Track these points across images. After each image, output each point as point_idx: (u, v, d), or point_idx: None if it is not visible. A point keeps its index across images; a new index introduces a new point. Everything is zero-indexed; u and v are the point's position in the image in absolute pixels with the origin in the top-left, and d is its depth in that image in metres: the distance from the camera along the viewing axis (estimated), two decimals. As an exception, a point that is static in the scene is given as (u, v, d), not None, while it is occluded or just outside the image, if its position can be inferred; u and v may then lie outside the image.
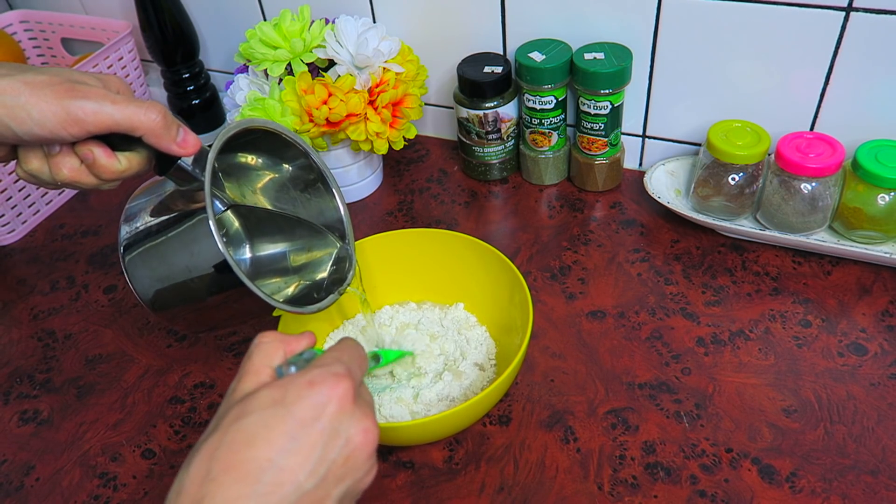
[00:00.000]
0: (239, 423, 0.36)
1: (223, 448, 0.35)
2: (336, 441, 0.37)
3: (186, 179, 0.49)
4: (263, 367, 0.40)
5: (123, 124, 0.45)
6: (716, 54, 0.71)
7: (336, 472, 0.37)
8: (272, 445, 0.35)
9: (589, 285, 0.70)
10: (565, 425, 0.59)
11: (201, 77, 0.93)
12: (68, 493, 0.59)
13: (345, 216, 0.60)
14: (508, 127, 0.80)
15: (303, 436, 0.36)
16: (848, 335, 0.63)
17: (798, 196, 0.67)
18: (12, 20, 1.01)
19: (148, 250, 0.51)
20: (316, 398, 0.37)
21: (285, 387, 0.38)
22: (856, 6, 0.63)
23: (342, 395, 0.37)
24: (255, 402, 0.37)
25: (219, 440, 0.36)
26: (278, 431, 0.36)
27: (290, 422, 0.36)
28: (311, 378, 0.38)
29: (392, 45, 0.73)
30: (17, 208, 0.83)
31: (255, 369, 0.40)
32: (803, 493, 0.53)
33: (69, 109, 0.43)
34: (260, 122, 0.53)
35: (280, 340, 0.42)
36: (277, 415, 0.36)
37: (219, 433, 0.36)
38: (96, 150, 0.47)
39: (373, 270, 0.67)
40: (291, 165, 0.59)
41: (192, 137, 0.48)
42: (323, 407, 0.37)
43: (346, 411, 0.37)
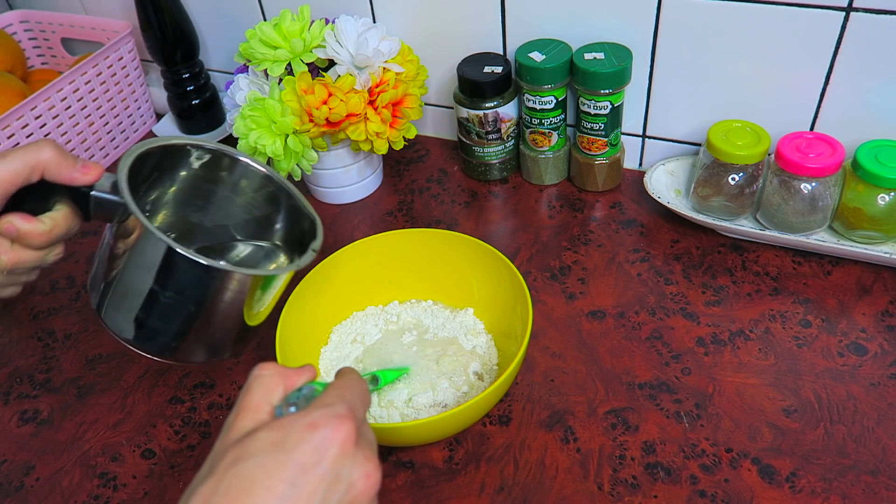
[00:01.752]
0: (237, 468, 0.35)
1: (219, 495, 0.34)
2: (337, 486, 0.36)
3: (112, 210, 0.49)
4: (263, 404, 0.39)
5: (22, 171, 0.45)
6: (716, 54, 0.71)
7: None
8: (271, 493, 0.34)
9: (589, 285, 0.70)
10: (565, 425, 0.59)
11: (201, 77, 0.93)
12: (68, 493, 0.59)
13: (270, 172, 0.59)
14: (508, 127, 0.80)
15: (303, 482, 0.35)
16: (848, 335, 0.63)
17: (798, 196, 0.67)
18: (12, 20, 1.01)
19: (114, 295, 0.50)
20: (317, 441, 0.36)
21: (286, 428, 0.36)
22: (856, 6, 0.63)
23: (344, 438, 0.36)
24: (253, 444, 0.36)
25: (215, 486, 0.35)
26: (278, 478, 0.34)
27: (291, 467, 0.35)
28: (313, 420, 0.37)
29: (392, 45, 0.73)
30: (17, 208, 0.83)
31: (253, 405, 0.39)
32: (803, 493, 0.53)
33: None
34: (154, 143, 0.52)
35: (279, 375, 0.41)
36: (278, 459, 0.35)
37: (215, 478, 0.35)
38: (15, 220, 0.47)
39: (373, 270, 0.67)
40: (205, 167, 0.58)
41: (93, 164, 0.48)
42: (325, 451, 0.36)
43: (348, 455, 0.36)
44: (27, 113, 0.81)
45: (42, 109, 0.83)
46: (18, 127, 0.81)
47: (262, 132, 0.72)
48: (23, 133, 0.81)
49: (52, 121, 0.85)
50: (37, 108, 0.82)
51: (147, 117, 1.00)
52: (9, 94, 0.86)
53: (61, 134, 0.86)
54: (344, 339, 0.66)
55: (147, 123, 1.00)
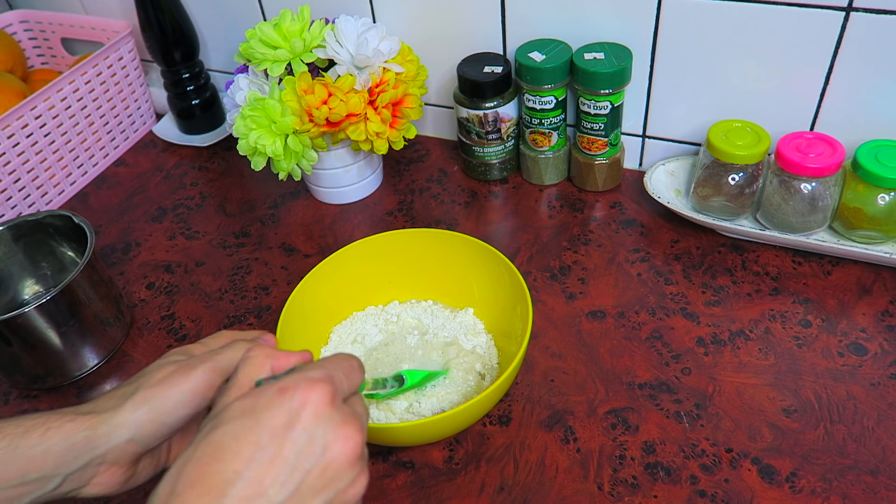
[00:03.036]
0: (209, 437, 0.35)
1: (191, 462, 0.34)
2: (311, 449, 0.35)
3: None
4: (247, 382, 0.39)
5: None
6: (716, 54, 0.71)
7: (312, 482, 0.35)
8: (239, 456, 0.33)
9: (589, 285, 0.70)
10: (565, 425, 0.59)
11: (201, 77, 0.93)
12: (68, 493, 0.59)
13: None
14: (508, 127, 0.80)
15: (273, 445, 0.34)
16: (848, 335, 0.63)
17: (798, 196, 0.67)
18: (12, 20, 1.01)
19: None
20: (287, 404, 0.35)
21: (257, 395, 0.36)
22: (856, 6, 0.62)
23: (317, 399, 0.35)
24: (226, 413, 0.36)
25: (188, 456, 0.34)
26: (246, 441, 0.34)
27: (260, 430, 0.34)
28: (283, 385, 0.36)
29: (392, 45, 0.73)
30: (18, 208, 0.83)
31: (238, 384, 0.39)
32: (803, 493, 0.53)
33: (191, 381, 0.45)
34: None
35: (268, 356, 0.40)
36: (246, 424, 0.34)
37: (190, 449, 0.35)
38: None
39: (373, 270, 0.67)
40: None
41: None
42: (296, 413, 0.35)
43: (321, 416, 0.35)
44: (27, 113, 0.81)
45: (42, 109, 0.83)
46: (18, 127, 0.81)
47: (262, 132, 0.72)
48: (23, 133, 0.81)
49: (52, 121, 0.85)
50: (37, 108, 0.82)
51: (147, 117, 1.00)
52: (9, 94, 0.86)
53: (61, 134, 0.86)
54: (344, 339, 0.66)
55: (147, 123, 1.00)
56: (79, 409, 0.46)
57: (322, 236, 0.80)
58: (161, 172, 0.92)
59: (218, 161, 0.93)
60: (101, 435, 0.44)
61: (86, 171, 0.92)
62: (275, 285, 0.75)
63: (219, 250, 0.80)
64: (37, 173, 0.84)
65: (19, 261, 0.71)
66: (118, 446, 0.45)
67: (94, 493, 0.47)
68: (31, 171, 0.84)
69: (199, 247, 0.81)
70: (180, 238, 0.82)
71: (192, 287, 0.76)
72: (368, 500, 0.55)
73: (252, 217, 0.84)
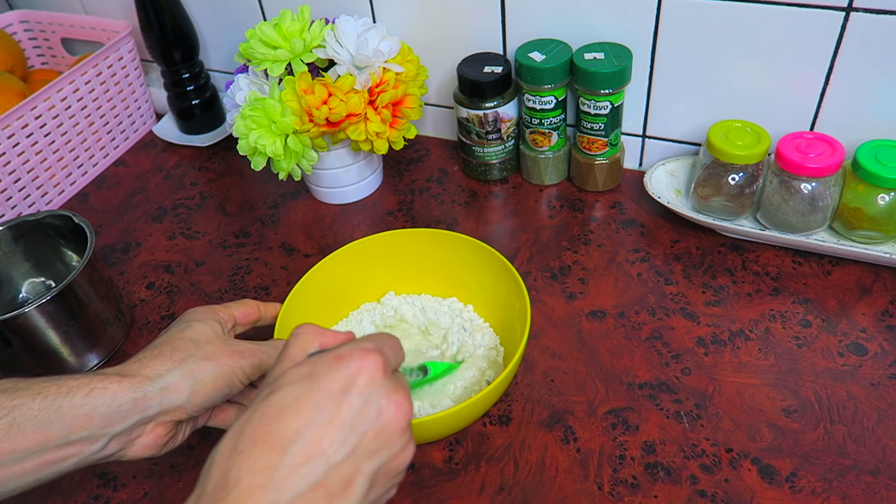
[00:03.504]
0: (268, 400, 0.36)
1: (252, 422, 0.35)
2: (367, 413, 0.36)
3: None
4: (299, 355, 0.40)
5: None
6: (716, 54, 0.71)
7: (367, 445, 0.36)
8: (300, 417, 0.35)
9: (589, 285, 0.70)
10: (565, 425, 0.59)
11: (201, 77, 0.93)
12: (68, 492, 0.59)
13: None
14: (508, 127, 0.80)
15: (331, 407, 0.36)
16: (848, 335, 0.63)
17: (798, 196, 0.67)
18: (12, 20, 1.01)
19: None
20: (344, 370, 0.37)
21: (314, 363, 0.38)
22: (856, 6, 0.62)
23: (372, 366, 0.37)
24: (284, 378, 0.37)
25: (248, 416, 0.36)
26: (306, 403, 0.35)
27: (319, 394, 0.36)
28: (340, 353, 0.38)
29: (392, 45, 0.73)
30: (18, 208, 0.83)
31: (290, 356, 0.40)
32: (803, 493, 0.53)
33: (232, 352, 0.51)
34: None
35: (317, 333, 0.42)
36: (305, 388, 0.36)
37: (250, 411, 0.36)
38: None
39: (372, 270, 0.67)
40: None
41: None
42: (353, 378, 0.37)
43: (376, 383, 0.37)
44: (27, 113, 0.81)
45: (42, 109, 0.83)
46: (18, 127, 0.81)
47: (262, 132, 0.72)
48: (23, 133, 0.81)
49: (52, 121, 0.85)
50: (37, 108, 0.82)
51: (147, 117, 1.00)
52: (9, 94, 0.86)
53: (61, 134, 0.86)
54: (343, 338, 0.66)
55: (147, 123, 1.00)
56: (121, 371, 0.48)
57: (322, 236, 0.80)
58: (161, 172, 0.92)
59: (218, 161, 0.93)
60: (151, 397, 0.47)
61: (86, 171, 0.92)
62: (275, 285, 0.75)
63: (219, 250, 0.80)
64: (37, 173, 0.84)
65: (19, 261, 0.71)
66: (169, 410, 0.48)
67: (137, 455, 0.49)
68: (31, 171, 0.84)
69: (199, 247, 0.81)
70: (180, 238, 0.82)
71: (192, 287, 0.76)
72: (368, 500, 0.55)
73: (252, 217, 0.84)
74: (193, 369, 0.48)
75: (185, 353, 0.49)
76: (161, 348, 0.49)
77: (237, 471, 0.34)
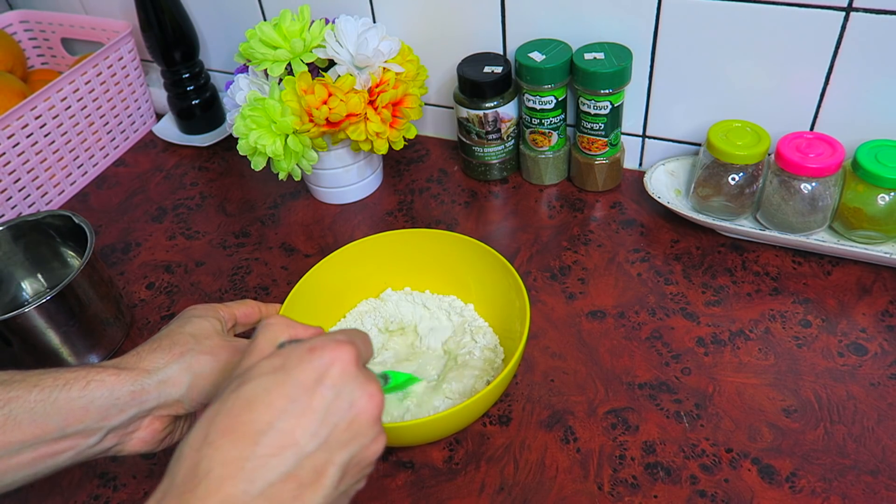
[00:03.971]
0: (239, 391, 0.36)
1: (222, 414, 0.35)
2: (339, 403, 0.36)
3: None
4: (267, 346, 0.40)
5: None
6: (716, 54, 0.71)
7: (339, 436, 0.36)
8: (272, 408, 0.35)
9: (589, 285, 0.70)
10: (565, 425, 0.59)
11: (201, 77, 0.93)
12: (68, 492, 0.59)
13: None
14: (508, 127, 0.80)
15: (304, 398, 0.35)
16: (848, 335, 0.63)
17: (798, 196, 0.67)
18: (12, 20, 1.01)
19: None
20: (317, 361, 0.37)
21: (286, 354, 0.37)
22: (856, 6, 0.62)
23: (346, 358, 0.37)
24: (255, 370, 0.37)
25: (218, 408, 0.35)
26: (278, 394, 0.35)
27: (291, 385, 0.36)
28: (313, 345, 0.38)
29: (392, 45, 0.73)
30: (18, 208, 0.83)
31: (259, 348, 0.40)
32: (803, 493, 0.53)
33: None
34: None
35: (286, 325, 0.41)
36: (278, 379, 0.36)
37: (219, 402, 0.36)
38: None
39: (371, 271, 0.67)
40: None
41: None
42: (325, 369, 0.36)
43: (349, 374, 0.37)
44: (27, 113, 0.81)
45: (42, 109, 0.83)
46: (18, 127, 0.81)
47: (262, 132, 0.72)
48: (23, 133, 0.81)
49: (52, 121, 0.85)
50: (37, 108, 0.82)
51: (147, 117, 1.00)
52: (9, 94, 0.86)
53: (61, 134, 0.86)
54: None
55: (147, 123, 1.00)
56: (119, 364, 0.47)
57: (322, 236, 0.80)
58: (161, 172, 0.92)
59: (218, 161, 0.93)
60: (149, 390, 0.46)
61: (86, 171, 0.92)
62: (275, 285, 0.75)
63: (219, 250, 0.80)
64: (37, 173, 0.84)
65: (19, 261, 0.71)
66: (167, 404, 0.47)
67: (134, 450, 0.48)
68: (31, 171, 0.84)
69: (199, 247, 0.81)
70: (180, 238, 0.82)
71: (192, 287, 0.76)
72: (368, 500, 0.55)
73: (252, 217, 0.84)
74: (192, 363, 0.48)
75: (184, 348, 0.48)
76: (160, 342, 0.49)
77: (207, 462, 0.33)
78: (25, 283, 0.73)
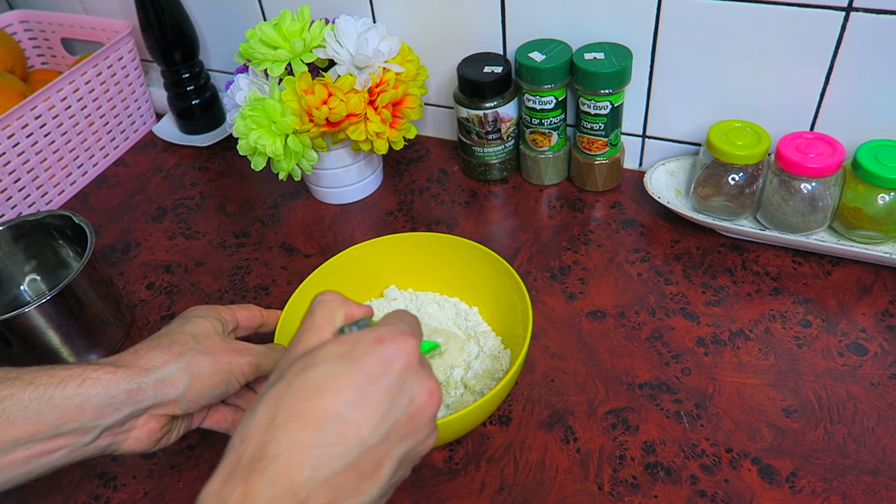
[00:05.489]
0: (305, 374, 0.36)
1: (289, 396, 0.35)
2: (401, 398, 0.36)
3: None
4: (326, 325, 0.40)
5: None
6: (716, 54, 0.71)
7: (399, 430, 0.36)
8: (339, 397, 0.35)
9: (589, 285, 0.70)
10: (565, 425, 0.59)
11: (201, 77, 0.93)
12: (68, 492, 0.59)
13: None
14: (508, 127, 0.80)
15: (369, 390, 0.35)
16: (848, 335, 0.63)
17: (798, 196, 0.67)
18: (12, 20, 1.01)
19: None
20: (384, 354, 0.37)
21: (352, 342, 0.37)
22: (856, 6, 0.62)
23: (409, 352, 0.37)
24: (321, 354, 0.37)
25: (284, 389, 0.35)
26: (345, 384, 0.35)
27: (358, 375, 0.36)
28: (380, 334, 0.38)
29: (392, 45, 0.73)
30: (18, 208, 0.83)
31: (317, 325, 0.40)
32: (803, 493, 0.53)
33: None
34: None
35: (341, 301, 0.41)
36: (345, 367, 0.36)
37: (284, 382, 0.36)
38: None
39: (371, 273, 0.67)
40: None
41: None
42: (390, 363, 0.37)
43: (412, 369, 0.37)
44: (27, 113, 0.81)
45: (42, 109, 0.83)
46: (18, 127, 0.81)
47: (262, 132, 0.72)
48: (23, 133, 0.81)
49: (52, 121, 0.85)
50: (37, 108, 0.82)
51: (147, 117, 1.00)
52: (9, 94, 0.86)
53: (61, 134, 0.86)
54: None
55: (147, 123, 1.00)
56: (116, 362, 0.47)
57: (322, 236, 0.80)
58: (161, 172, 0.92)
59: (218, 161, 0.93)
60: (145, 389, 0.46)
61: (86, 171, 0.92)
62: (275, 285, 0.75)
63: (219, 250, 0.80)
64: (37, 173, 0.84)
65: (19, 261, 0.71)
66: (164, 403, 0.47)
67: (130, 449, 0.48)
68: (31, 171, 0.84)
69: (199, 247, 0.81)
70: (180, 238, 0.82)
71: (192, 287, 0.76)
72: (368, 500, 0.55)
73: (252, 217, 0.84)
74: (191, 363, 0.48)
75: (183, 347, 0.48)
76: (159, 340, 0.49)
77: (275, 445, 0.33)
78: (25, 283, 0.73)
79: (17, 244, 0.70)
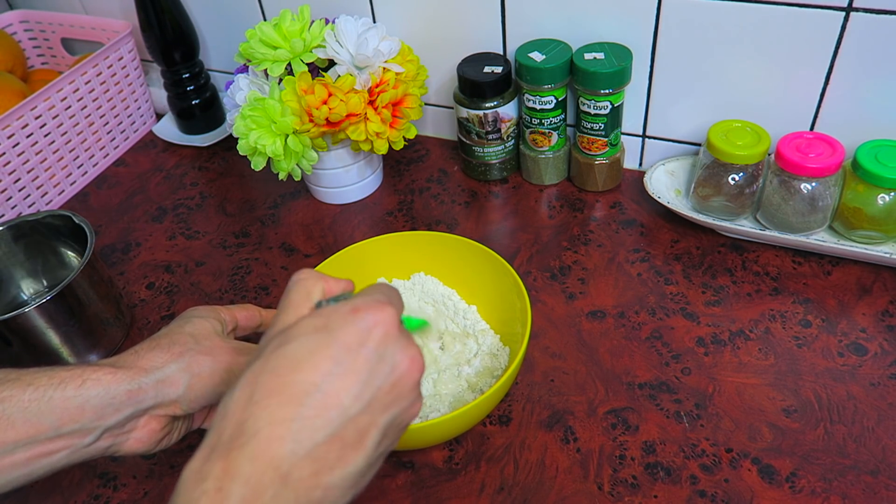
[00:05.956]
0: (283, 349, 0.36)
1: (266, 373, 0.35)
2: (382, 366, 0.36)
3: None
4: (303, 302, 0.40)
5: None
6: (716, 54, 0.71)
7: (382, 398, 0.36)
8: (317, 369, 0.35)
9: (589, 285, 0.70)
10: (565, 425, 0.59)
11: (201, 77, 0.93)
12: (68, 492, 0.59)
13: None
14: (508, 127, 0.80)
15: (348, 360, 0.35)
16: (848, 335, 0.63)
17: (798, 196, 0.67)
18: (12, 20, 1.01)
19: None
20: (361, 323, 0.36)
21: (328, 315, 0.37)
22: (856, 6, 0.63)
23: (388, 320, 0.37)
24: (297, 329, 0.37)
25: (262, 366, 0.35)
26: (323, 356, 0.35)
27: (335, 346, 0.36)
28: (355, 305, 0.37)
29: (392, 45, 0.73)
30: (18, 208, 0.83)
31: (294, 304, 0.40)
32: (803, 493, 0.53)
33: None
34: None
35: (319, 278, 0.41)
36: (322, 340, 0.36)
37: (261, 360, 0.36)
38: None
39: (373, 272, 0.67)
40: None
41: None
42: (368, 332, 0.36)
43: (391, 337, 0.37)
44: (27, 113, 0.81)
45: (42, 109, 0.83)
46: (18, 127, 0.81)
47: (262, 132, 0.72)
48: (23, 133, 0.81)
49: (52, 121, 0.85)
50: (37, 108, 0.82)
51: (147, 117, 1.00)
52: (9, 94, 0.86)
53: (61, 134, 0.86)
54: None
55: (147, 123, 1.00)
56: (116, 362, 0.47)
57: (322, 236, 0.80)
58: (161, 172, 0.92)
59: (218, 161, 0.93)
60: (146, 389, 0.46)
61: (86, 171, 0.92)
62: (275, 285, 0.75)
63: (219, 250, 0.80)
64: (37, 173, 0.84)
65: (19, 261, 0.71)
66: (164, 403, 0.47)
67: (131, 450, 0.48)
68: (31, 171, 0.84)
69: (199, 247, 0.81)
70: (180, 238, 0.82)
71: (192, 287, 0.76)
72: (368, 501, 0.55)
73: (252, 217, 0.84)
74: (191, 363, 0.48)
75: (183, 347, 0.48)
76: (159, 340, 0.49)
77: (254, 421, 0.33)
78: (25, 283, 0.73)
79: (17, 244, 0.70)
